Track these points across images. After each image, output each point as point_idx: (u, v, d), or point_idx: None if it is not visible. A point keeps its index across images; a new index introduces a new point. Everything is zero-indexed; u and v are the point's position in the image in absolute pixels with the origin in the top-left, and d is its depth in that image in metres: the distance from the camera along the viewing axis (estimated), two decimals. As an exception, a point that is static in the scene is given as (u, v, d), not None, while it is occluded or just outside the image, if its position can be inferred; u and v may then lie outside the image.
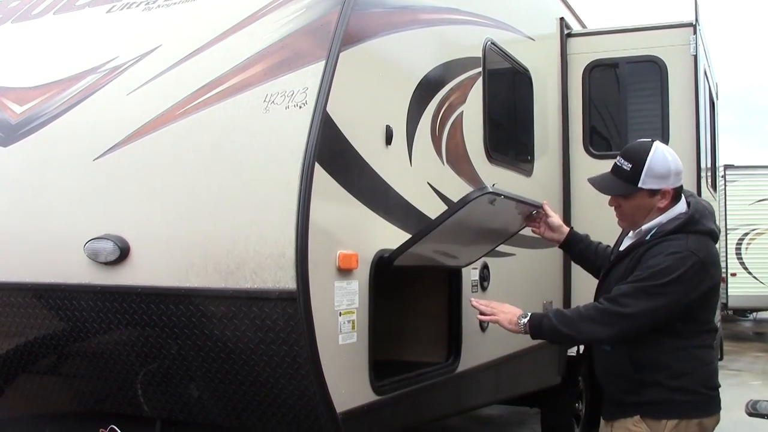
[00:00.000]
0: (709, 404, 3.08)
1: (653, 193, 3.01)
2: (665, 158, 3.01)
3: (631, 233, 3.20)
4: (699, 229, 3.01)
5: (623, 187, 3.05)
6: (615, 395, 3.15)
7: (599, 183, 3.16)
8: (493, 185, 3.50)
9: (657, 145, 3.06)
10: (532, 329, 3.10)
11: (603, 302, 2.99)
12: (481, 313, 3.28)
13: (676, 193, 3.07)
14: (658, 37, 6.00)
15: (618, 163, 3.07)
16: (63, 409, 3.69)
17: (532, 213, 3.75)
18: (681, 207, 3.06)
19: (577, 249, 3.67)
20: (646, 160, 2.99)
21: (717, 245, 3.15)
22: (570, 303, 5.83)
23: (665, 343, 2.98)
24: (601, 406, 3.40)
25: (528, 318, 3.11)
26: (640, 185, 3.00)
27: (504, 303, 3.28)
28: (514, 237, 4.97)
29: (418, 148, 3.72)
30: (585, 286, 4.30)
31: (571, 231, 3.73)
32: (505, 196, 3.42)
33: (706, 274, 2.96)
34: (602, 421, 3.27)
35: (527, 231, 5.20)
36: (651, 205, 3.04)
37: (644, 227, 3.08)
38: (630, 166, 3.02)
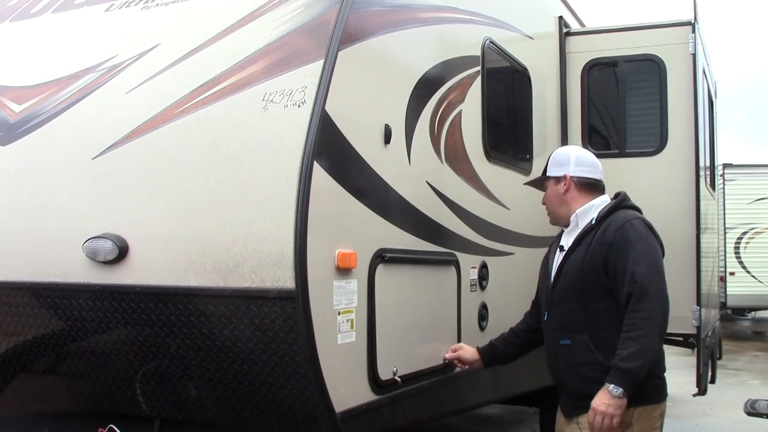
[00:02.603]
0: (664, 390, 3.16)
1: (558, 181, 3.40)
2: (567, 150, 3.50)
3: (564, 232, 3.42)
4: (632, 205, 3.32)
5: (538, 177, 3.55)
6: (578, 388, 3.16)
7: (529, 182, 3.72)
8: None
9: (571, 146, 3.56)
10: (629, 386, 2.92)
11: (635, 305, 2.97)
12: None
13: (585, 185, 3.35)
14: (656, 36, 6.00)
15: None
16: (62, 408, 3.69)
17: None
18: (606, 198, 3.36)
19: (502, 352, 3.73)
20: (551, 154, 3.51)
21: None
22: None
23: (622, 326, 3.02)
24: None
25: (618, 385, 2.91)
26: (547, 173, 3.45)
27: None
28: (513, 236, 4.98)
29: (417, 147, 3.72)
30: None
31: (479, 350, 3.75)
32: None
33: (656, 235, 3.22)
34: (562, 419, 3.30)
35: (526, 230, 5.22)
36: (557, 192, 3.39)
37: (579, 218, 3.31)
38: (546, 164, 3.51)
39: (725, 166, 15.00)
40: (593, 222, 3.22)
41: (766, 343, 15.08)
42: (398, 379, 3.48)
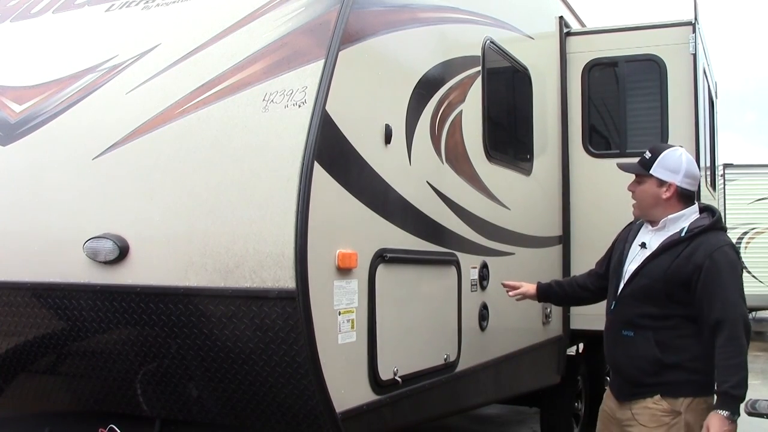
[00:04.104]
0: (713, 385, 3.31)
1: (661, 183, 3.35)
2: (680, 158, 3.38)
3: (647, 228, 3.45)
4: (724, 226, 3.45)
5: (638, 168, 3.43)
6: (635, 377, 3.35)
7: (623, 164, 3.56)
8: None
9: (680, 148, 3.46)
10: (738, 410, 3.15)
11: (731, 333, 3.18)
12: None
13: (684, 195, 3.37)
14: (657, 36, 6.00)
15: (643, 153, 3.45)
16: (62, 408, 3.69)
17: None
18: (696, 209, 3.40)
19: (555, 293, 4.00)
20: (662, 152, 3.40)
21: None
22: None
23: (687, 328, 3.27)
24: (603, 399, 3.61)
25: (733, 412, 3.12)
26: (651, 172, 3.36)
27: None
28: (514, 236, 4.98)
29: (418, 147, 3.72)
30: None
31: (538, 284, 4.03)
32: None
33: (741, 260, 3.40)
34: (612, 403, 3.50)
35: (526, 230, 5.22)
36: (657, 194, 3.36)
37: (668, 224, 3.36)
38: (650, 155, 3.41)
39: (726, 166, 14.98)
40: (683, 234, 3.30)
41: (767, 343, 15.07)
42: (399, 379, 3.48)
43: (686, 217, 3.36)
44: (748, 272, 15.28)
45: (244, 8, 3.42)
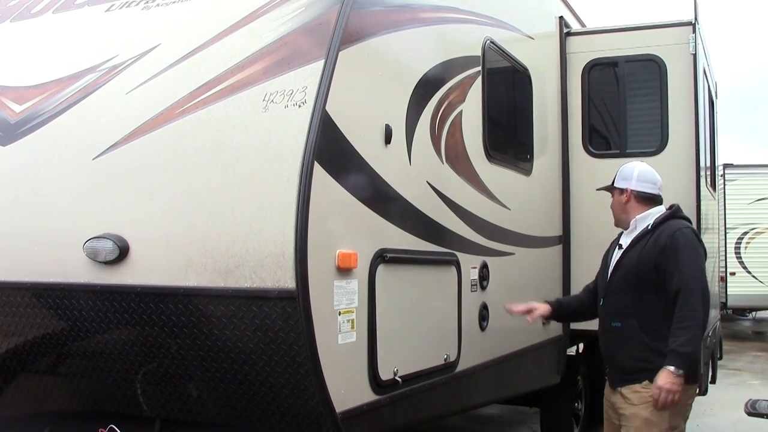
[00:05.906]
0: (699, 374, 3.71)
1: (621, 192, 3.89)
2: (633, 168, 3.91)
3: (625, 232, 3.89)
4: (683, 216, 3.87)
5: (608, 185, 3.97)
6: (625, 364, 3.68)
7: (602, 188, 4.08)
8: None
9: (637, 161, 4.02)
10: (686, 367, 3.43)
11: (684, 300, 3.48)
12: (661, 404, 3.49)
13: (644, 198, 3.82)
14: (657, 36, 6.00)
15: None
16: (63, 408, 3.69)
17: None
18: (662, 208, 3.84)
19: (571, 309, 4.31)
20: (620, 167, 3.96)
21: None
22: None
23: (667, 316, 3.53)
24: (600, 403, 3.94)
25: (678, 366, 3.41)
26: (614, 184, 3.93)
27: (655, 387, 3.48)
28: (514, 236, 4.98)
29: (418, 147, 3.72)
30: (584, 285, 4.31)
31: (550, 303, 4.24)
32: None
33: (701, 241, 3.78)
34: (608, 389, 3.84)
35: (526, 230, 5.22)
36: (620, 201, 3.89)
37: (638, 223, 3.80)
38: (615, 175, 3.96)
39: (726, 166, 14.97)
40: (649, 227, 3.75)
41: (767, 343, 15.08)
42: (399, 379, 3.48)
43: (652, 216, 3.80)
44: (748, 272, 15.29)
45: (244, 8, 3.42)
